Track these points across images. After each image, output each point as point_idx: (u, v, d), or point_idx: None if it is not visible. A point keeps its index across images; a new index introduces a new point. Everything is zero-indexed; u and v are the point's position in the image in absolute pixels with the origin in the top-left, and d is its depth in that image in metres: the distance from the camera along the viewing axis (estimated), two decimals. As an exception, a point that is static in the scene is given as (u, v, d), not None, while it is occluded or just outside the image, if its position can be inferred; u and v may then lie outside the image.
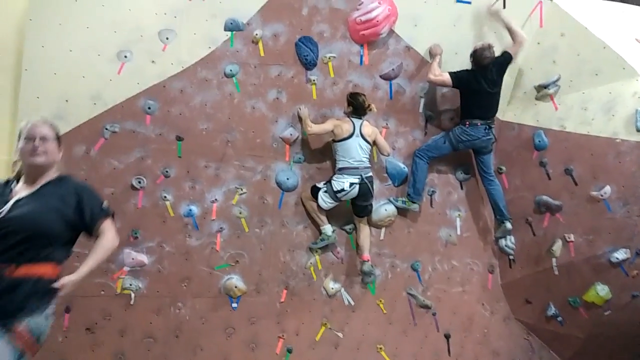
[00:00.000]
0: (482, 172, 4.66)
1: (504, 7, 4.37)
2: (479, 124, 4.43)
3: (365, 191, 4.22)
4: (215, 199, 4.14)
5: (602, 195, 4.30)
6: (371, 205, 4.37)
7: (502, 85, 4.49)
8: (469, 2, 4.36)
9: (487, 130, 4.47)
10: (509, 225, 4.63)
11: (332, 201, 4.22)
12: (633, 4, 5.19)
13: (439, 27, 4.38)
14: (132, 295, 3.95)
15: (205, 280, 4.15)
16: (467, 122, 4.43)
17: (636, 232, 4.23)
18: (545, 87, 4.58)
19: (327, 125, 4.22)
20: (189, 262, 4.10)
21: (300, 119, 4.25)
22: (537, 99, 4.65)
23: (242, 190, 4.20)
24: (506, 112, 4.77)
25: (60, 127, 3.60)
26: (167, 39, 3.87)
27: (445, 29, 4.40)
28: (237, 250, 4.21)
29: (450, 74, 4.34)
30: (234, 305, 4.19)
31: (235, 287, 4.17)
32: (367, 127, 4.28)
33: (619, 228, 4.26)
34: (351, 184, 4.14)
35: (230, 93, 4.11)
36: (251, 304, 4.23)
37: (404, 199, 4.55)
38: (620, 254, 4.27)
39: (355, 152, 4.17)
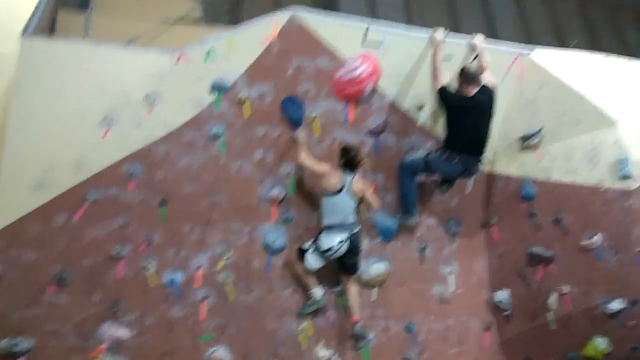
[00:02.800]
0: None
1: (472, 61, 4.89)
2: (456, 159, 4.67)
3: (354, 248, 4.51)
4: (200, 265, 4.40)
5: (592, 245, 4.71)
6: (359, 261, 4.67)
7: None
8: (448, 60, 4.96)
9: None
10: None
11: (321, 261, 4.48)
12: (606, 53, 5.93)
13: (421, 83, 4.89)
14: (111, 374, 4.09)
15: (189, 354, 4.32)
16: (445, 155, 4.67)
17: (629, 281, 4.65)
18: (529, 138, 5.05)
19: (319, 168, 4.48)
20: (171, 334, 4.29)
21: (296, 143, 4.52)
22: (521, 150, 5.14)
23: (228, 254, 4.48)
24: (493, 163, 5.28)
25: (41, 196, 4.01)
26: (153, 102, 4.25)
27: (428, 85, 4.87)
28: (223, 320, 4.43)
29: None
30: (221, 379, 4.34)
31: (221, 359, 4.36)
32: (358, 182, 4.60)
33: (613, 277, 4.67)
34: (340, 242, 4.41)
35: (215, 155, 4.47)
36: (239, 378, 4.39)
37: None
38: (616, 304, 4.65)
39: (342, 208, 4.45)
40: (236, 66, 4.41)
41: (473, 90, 4.56)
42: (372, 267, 4.85)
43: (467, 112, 4.56)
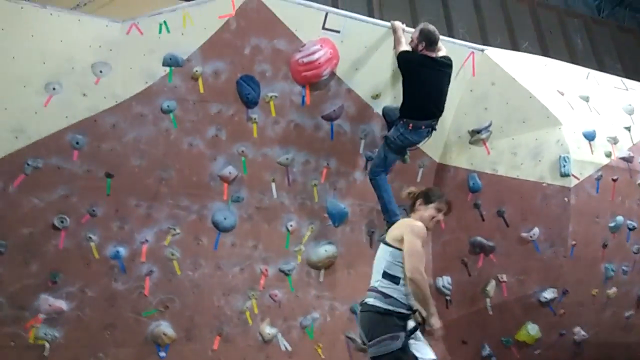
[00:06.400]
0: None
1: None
2: (422, 127, 4.39)
3: (362, 324, 3.27)
4: (146, 240, 4.16)
5: (531, 237, 4.76)
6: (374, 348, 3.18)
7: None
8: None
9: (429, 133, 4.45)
10: None
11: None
12: (554, 58, 5.96)
13: (379, 72, 4.74)
14: (47, 345, 3.84)
15: (131, 328, 4.11)
16: (410, 125, 4.33)
17: (562, 272, 4.74)
18: (478, 132, 5.03)
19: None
20: (113, 308, 4.06)
21: None
22: (471, 143, 5.10)
23: (175, 230, 4.25)
24: (443, 155, 5.21)
25: (-25, 162, 3.66)
26: (100, 72, 3.95)
27: (385, 74, 4.77)
28: (167, 295, 4.22)
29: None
30: (162, 354, 4.17)
31: (164, 334, 4.16)
32: (396, 226, 3.48)
33: (547, 268, 4.74)
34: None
35: (166, 129, 4.21)
36: (181, 353, 4.23)
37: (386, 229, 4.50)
38: (549, 294, 4.75)
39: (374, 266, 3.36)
40: (191, 41, 4.15)
41: (433, 54, 4.40)
42: (321, 249, 4.73)
43: (429, 71, 4.36)
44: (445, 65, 4.46)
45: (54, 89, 3.83)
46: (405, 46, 4.48)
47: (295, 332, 4.62)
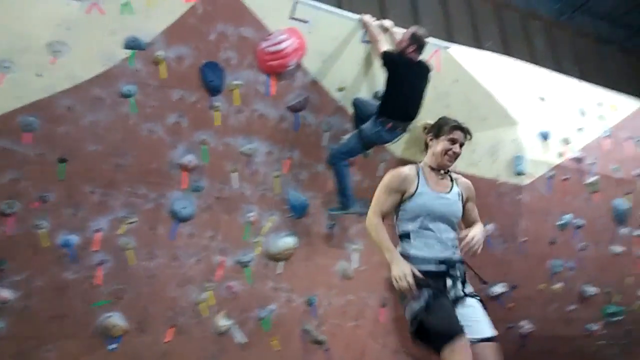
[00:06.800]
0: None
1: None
2: (399, 128, 4.53)
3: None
4: (99, 228, 4.04)
5: (486, 233, 4.99)
6: None
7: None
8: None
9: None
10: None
11: None
12: (515, 58, 6.16)
13: (345, 65, 4.77)
14: (-10, 336, 3.69)
15: (81, 319, 3.99)
16: (390, 124, 4.42)
17: (512, 268, 4.99)
18: None
19: None
20: (62, 298, 3.93)
21: None
22: (432, 139, 5.28)
23: (131, 219, 4.15)
24: (404, 150, 5.32)
25: None
26: (57, 51, 3.76)
27: (351, 67, 4.81)
28: (120, 285, 4.13)
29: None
30: (113, 345, 4.08)
31: (115, 325, 4.06)
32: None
33: (498, 264, 4.95)
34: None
35: (125, 114, 4.07)
36: (133, 344, 4.15)
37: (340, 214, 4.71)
38: (499, 288, 4.99)
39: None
40: (155, 23, 4.02)
41: (417, 57, 4.53)
42: (281, 241, 4.73)
43: (412, 74, 4.49)
44: (427, 70, 4.61)
45: (6, 67, 3.62)
46: (386, 44, 4.55)
47: (251, 323, 4.61)
